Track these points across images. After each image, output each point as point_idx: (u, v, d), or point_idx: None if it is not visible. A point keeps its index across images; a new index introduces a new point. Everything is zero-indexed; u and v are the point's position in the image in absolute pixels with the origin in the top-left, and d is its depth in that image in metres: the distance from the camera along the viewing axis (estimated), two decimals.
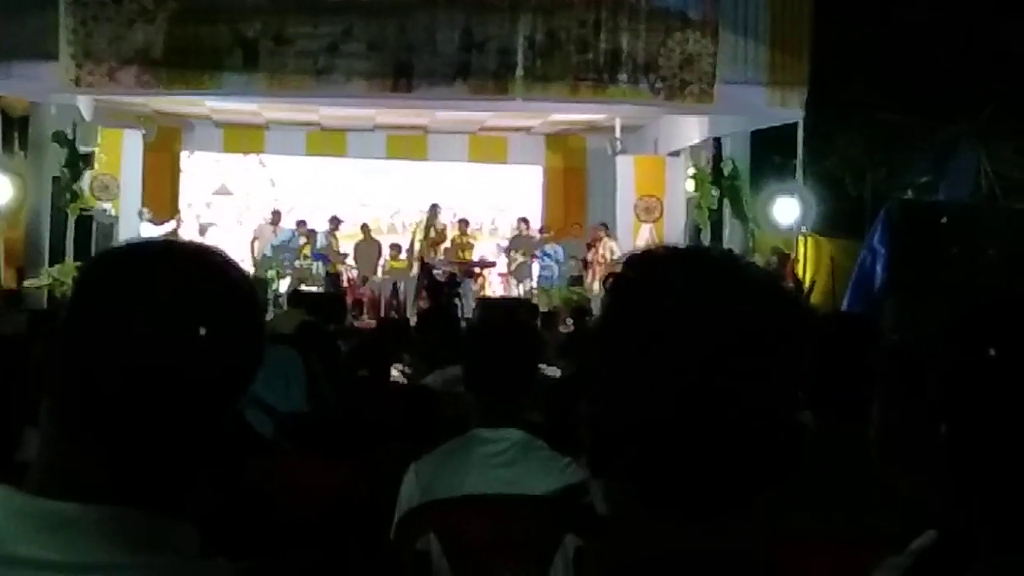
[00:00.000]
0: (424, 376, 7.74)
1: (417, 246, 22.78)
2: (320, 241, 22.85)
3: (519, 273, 23.01)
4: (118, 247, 1.72)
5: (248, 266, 22.24)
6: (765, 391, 1.46)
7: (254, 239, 23.14)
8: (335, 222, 23.18)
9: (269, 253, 22.29)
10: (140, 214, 21.16)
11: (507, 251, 23.73)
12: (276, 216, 23.44)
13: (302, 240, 22.74)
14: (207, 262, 1.65)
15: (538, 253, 22.77)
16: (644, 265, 1.56)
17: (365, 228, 23.86)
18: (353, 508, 4.34)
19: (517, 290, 22.78)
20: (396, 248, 23.12)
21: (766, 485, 1.49)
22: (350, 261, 23.20)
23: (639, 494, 1.50)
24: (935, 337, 1.90)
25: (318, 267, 22.42)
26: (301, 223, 23.24)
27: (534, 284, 22.61)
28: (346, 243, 23.37)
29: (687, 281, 1.50)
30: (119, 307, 1.56)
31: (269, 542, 3.53)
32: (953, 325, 1.86)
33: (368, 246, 23.38)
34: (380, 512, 4.10)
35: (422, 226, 22.96)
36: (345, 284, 22.51)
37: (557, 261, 22.40)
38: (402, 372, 8.53)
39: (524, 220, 23.92)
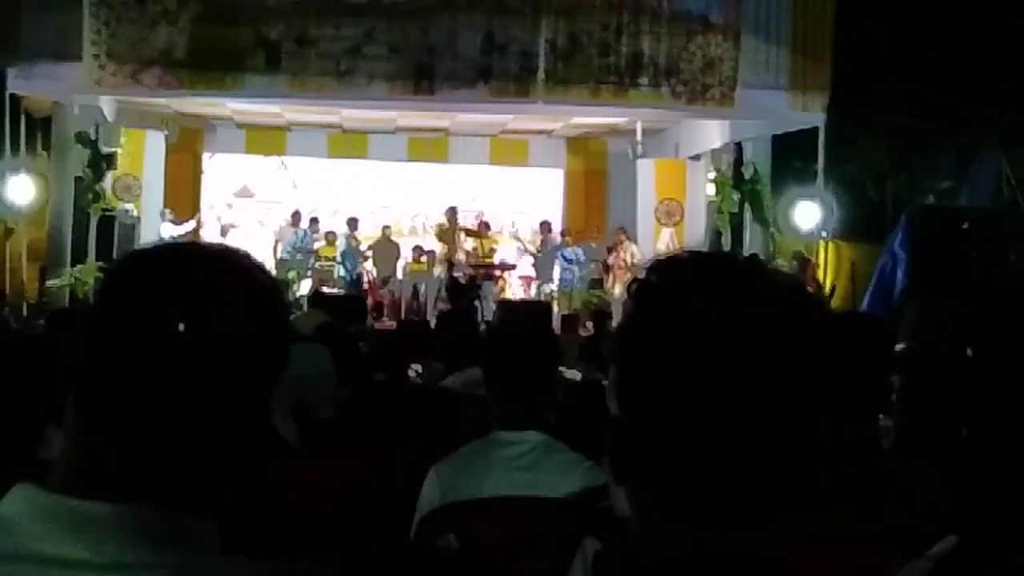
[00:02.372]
0: (443, 378, 7.76)
1: (440, 249, 22.82)
2: (342, 244, 22.92)
3: (542, 275, 23.04)
4: (144, 247, 1.73)
5: (270, 268, 22.32)
6: (788, 396, 1.47)
7: (276, 241, 23.22)
8: (353, 223, 23.23)
9: (287, 255, 22.36)
10: (162, 214, 21.24)
11: (535, 256, 23.73)
12: (296, 217, 23.53)
13: (316, 241, 22.82)
14: (233, 263, 1.67)
15: (558, 256, 22.76)
16: (668, 270, 1.56)
17: (386, 229, 23.88)
18: (373, 509, 4.35)
19: (537, 292, 22.80)
20: (417, 250, 23.15)
21: (787, 490, 1.49)
22: (368, 265, 23.24)
23: (660, 499, 1.50)
24: (955, 341, 1.90)
25: (339, 269, 22.47)
26: (314, 221, 23.33)
27: (554, 287, 22.62)
28: (366, 244, 23.42)
29: (711, 286, 1.50)
30: (145, 307, 1.57)
31: (288, 541, 3.54)
32: (973, 329, 1.86)
33: (387, 247, 23.42)
34: (400, 514, 4.11)
35: (443, 229, 23.02)
36: (366, 286, 22.55)
37: (578, 263, 22.39)
38: (418, 374, 8.55)
39: (545, 223, 23.92)
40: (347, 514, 4.26)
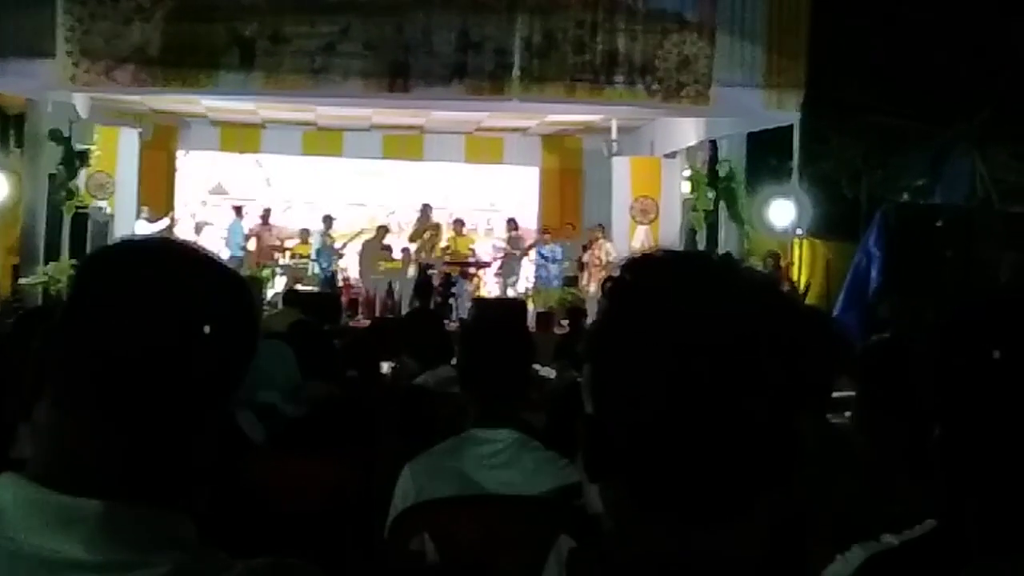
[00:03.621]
0: (415, 376, 7.76)
1: (413, 247, 22.79)
2: (316, 241, 22.87)
3: (505, 273, 23.03)
4: (113, 244, 1.74)
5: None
6: (763, 395, 1.46)
7: (249, 237, 23.15)
8: (328, 221, 23.18)
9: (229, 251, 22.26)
10: (137, 212, 21.18)
11: (503, 253, 23.71)
12: (267, 214, 23.46)
13: (333, 241, 22.77)
14: (200, 256, 1.69)
15: (534, 253, 22.76)
16: (642, 269, 1.56)
17: (381, 230, 23.66)
18: (347, 507, 4.34)
19: (511, 290, 22.80)
20: (390, 248, 23.10)
21: (764, 489, 1.49)
22: (342, 263, 23.15)
23: (634, 496, 1.50)
24: (928, 339, 1.91)
25: (313, 266, 22.43)
26: (328, 219, 23.26)
27: (529, 284, 22.63)
28: (340, 241, 23.36)
29: (685, 285, 1.50)
30: (117, 298, 1.59)
31: (263, 540, 3.53)
32: (946, 328, 1.87)
33: (375, 246, 23.25)
34: (374, 511, 4.10)
35: (415, 227, 22.99)
36: (341, 284, 22.52)
37: (554, 261, 22.38)
38: (392, 371, 8.54)
39: (512, 221, 23.89)
40: (323, 513, 4.25)
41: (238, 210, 23.72)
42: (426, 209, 23.23)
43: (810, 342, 3.43)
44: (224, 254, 21.34)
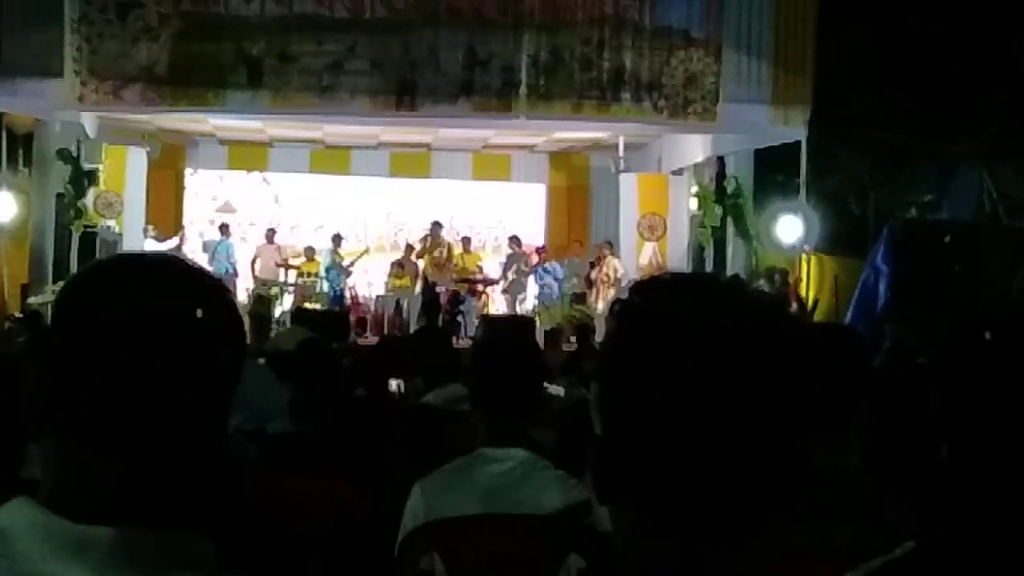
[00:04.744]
0: (422, 394, 7.76)
1: (420, 264, 22.76)
2: (325, 259, 22.85)
3: (513, 290, 23.01)
4: (91, 264, 1.73)
5: (250, 283, 22.37)
6: (770, 416, 1.47)
7: (255, 257, 23.14)
8: (337, 240, 23.18)
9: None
10: (145, 231, 21.20)
11: (503, 269, 23.71)
12: (271, 234, 23.47)
13: (343, 259, 22.77)
14: (178, 266, 1.68)
15: (537, 271, 22.75)
16: (650, 291, 1.56)
17: (410, 250, 23.61)
18: (357, 526, 4.34)
19: (518, 308, 22.77)
20: (398, 266, 23.10)
21: (771, 509, 1.49)
22: (351, 280, 23.13)
23: (643, 517, 1.50)
24: (936, 357, 1.91)
25: (322, 284, 22.42)
26: (337, 238, 23.26)
27: (535, 302, 22.60)
28: (348, 260, 23.38)
29: (693, 307, 1.51)
30: (101, 319, 1.58)
31: (273, 560, 3.53)
32: (954, 345, 1.87)
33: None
34: (385, 530, 4.10)
35: (425, 245, 22.97)
36: (349, 302, 22.50)
37: (556, 279, 22.35)
38: (399, 389, 8.55)
39: (515, 238, 23.86)
40: (332, 532, 4.24)
41: (223, 228, 23.67)
42: (436, 227, 23.18)
43: (820, 363, 3.44)
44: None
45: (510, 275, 23.10)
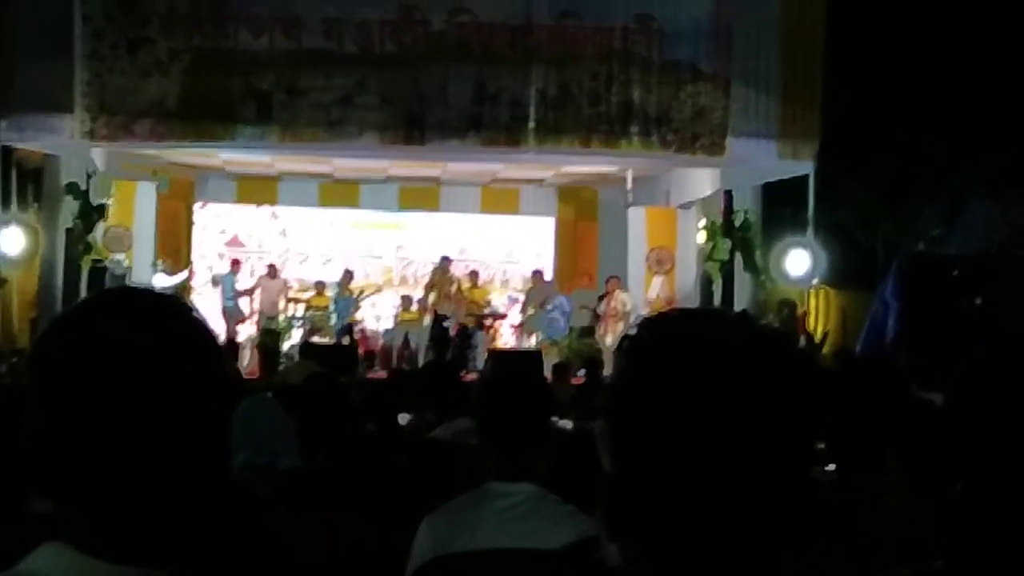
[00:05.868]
0: (432, 428, 7.75)
1: (430, 298, 22.75)
2: (334, 292, 22.86)
3: (531, 325, 22.98)
4: (66, 311, 1.71)
5: (254, 318, 22.45)
6: (781, 451, 1.46)
7: (254, 289, 23.15)
8: (348, 275, 23.20)
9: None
10: (154, 266, 21.23)
11: (523, 304, 23.71)
12: (272, 269, 23.48)
13: (352, 294, 22.79)
14: (158, 305, 1.67)
15: (547, 305, 22.74)
16: (659, 328, 1.56)
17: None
18: (366, 560, 4.33)
19: (529, 341, 22.76)
20: (407, 300, 23.11)
21: (783, 543, 1.48)
22: (359, 315, 23.13)
23: (653, 553, 1.49)
24: (948, 391, 1.90)
25: (332, 318, 22.42)
26: (348, 274, 23.34)
27: (542, 336, 22.57)
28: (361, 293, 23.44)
29: (702, 344, 1.50)
30: (83, 363, 1.57)
31: None
32: (966, 379, 1.86)
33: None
34: (393, 565, 4.09)
35: (434, 279, 22.96)
36: (357, 335, 22.51)
37: (563, 313, 22.31)
38: (409, 423, 8.54)
39: (538, 272, 23.91)
40: (342, 566, 4.24)
41: (235, 264, 23.74)
42: (444, 261, 23.16)
43: (862, 397, 3.43)
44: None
45: (530, 310, 23.09)
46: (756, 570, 1.48)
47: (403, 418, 8.49)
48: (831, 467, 3.55)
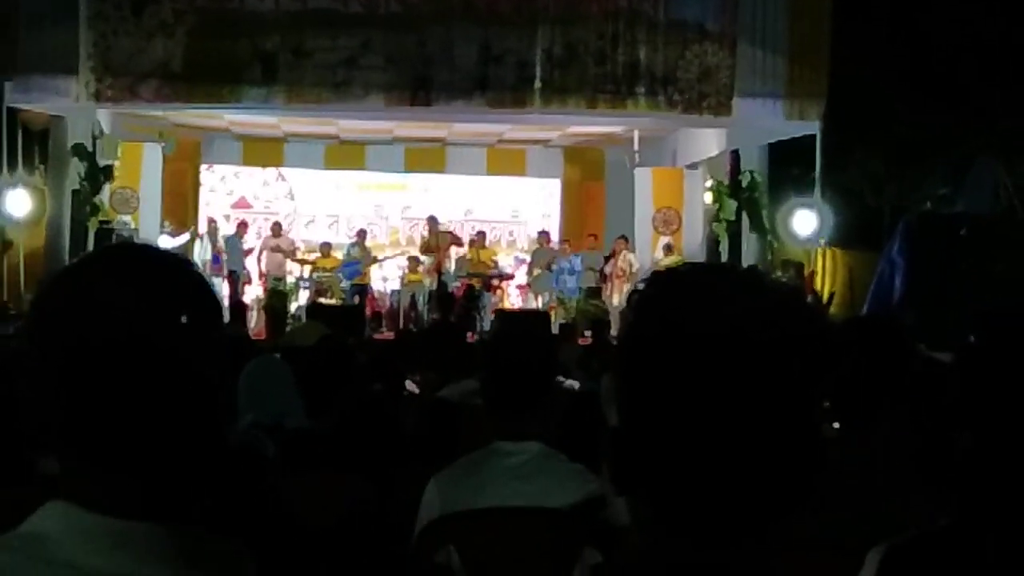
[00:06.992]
0: (437, 389, 7.76)
1: (428, 259, 22.63)
2: (346, 254, 22.77)
3: (538, 286, 22.95)
4: (61, 269, 1.71)
5: (257, 278, 22.47)
6: (789, 407, 1.47)
7: (261, 251, 23.11)
8: (362, 234, 23.10)
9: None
10: (161, 226, 21.23)
11: (529, 265, 23.69)
12: (276, 227, 23.41)
13: (364, 254, 22.74)
14: (158, 262, 1.66)
15: (555, 265, 22.70)
16: (667, 282, 1.56)
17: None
18: (373, 520, 4.35)
19: (536, 302, 22.73)
20: (414, 261, 23.09)
21: (789, 504, 1.49)
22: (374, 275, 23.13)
23: (659, 510, 1.50)
24: (956, 350, 1.91)
25: (341, 278, 22.38)
26: (243, 225, 23.40)
27: (550, 296, 22.55)
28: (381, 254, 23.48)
29: (710, 298, 1.50)
30: (80, 320, 1.57)
31: (289, 555, 3.54)
32: (975, 336, 1.87)
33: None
34: (400, 525, 4.10)
35: (429, 242, 22.81)
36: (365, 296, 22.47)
37: (572, 272, 22.26)
38: (416, 384, 8.55)
39: (544, 233, 23.86)
40: (348, 527, 4.25)
41: (241, 225, 23.71)
42: (433, 220, 23.00)
43: (862, 354, 3.43)
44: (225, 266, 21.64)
45: (536, 271, 23.06)
46: (761, 529, 1.49)
47: (410, 384, 8.50)
48: (836, 425, 3.55)
